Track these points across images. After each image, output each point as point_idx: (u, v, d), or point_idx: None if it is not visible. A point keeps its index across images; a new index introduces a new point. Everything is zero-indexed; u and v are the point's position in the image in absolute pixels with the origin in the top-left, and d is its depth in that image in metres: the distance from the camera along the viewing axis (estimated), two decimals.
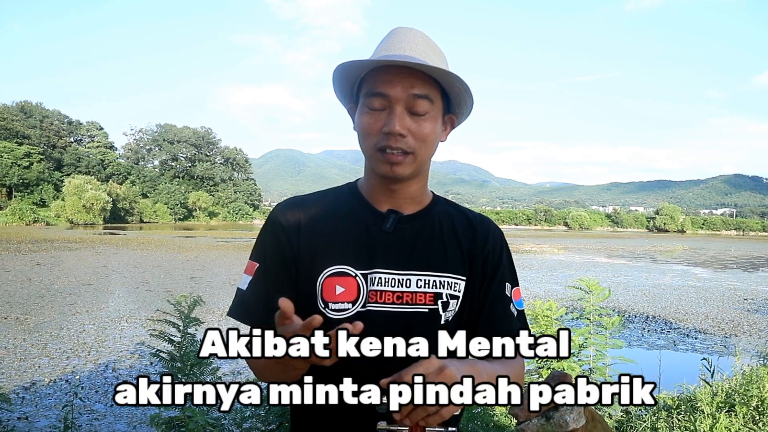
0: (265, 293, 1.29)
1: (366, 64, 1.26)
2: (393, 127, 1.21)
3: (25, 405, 6.96)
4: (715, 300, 17.90)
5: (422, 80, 1.23)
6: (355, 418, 1.26)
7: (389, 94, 1.22)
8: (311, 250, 1.30)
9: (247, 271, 1.34)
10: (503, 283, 1.40)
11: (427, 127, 1.25)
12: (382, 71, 1.24)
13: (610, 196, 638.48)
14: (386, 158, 1.25)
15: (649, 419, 5.48)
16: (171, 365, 4.06)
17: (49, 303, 14.19)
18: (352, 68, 1.28)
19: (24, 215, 75.75)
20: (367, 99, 1.26)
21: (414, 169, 1.29)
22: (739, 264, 35.57)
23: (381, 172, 1.28)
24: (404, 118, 1.23)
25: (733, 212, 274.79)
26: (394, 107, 1.23)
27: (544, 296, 16.31)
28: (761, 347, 9.70)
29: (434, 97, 1.26)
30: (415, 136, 1.24)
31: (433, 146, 1.30)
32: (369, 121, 1.25)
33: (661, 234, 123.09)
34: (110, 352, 9.60)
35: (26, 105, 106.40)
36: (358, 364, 1.25)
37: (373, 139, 1.26)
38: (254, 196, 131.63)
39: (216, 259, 27.91)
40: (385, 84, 1.22)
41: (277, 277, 1.30)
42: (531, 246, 48.45)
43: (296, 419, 1.39)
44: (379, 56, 1.25)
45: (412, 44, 1.26)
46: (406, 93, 1.22)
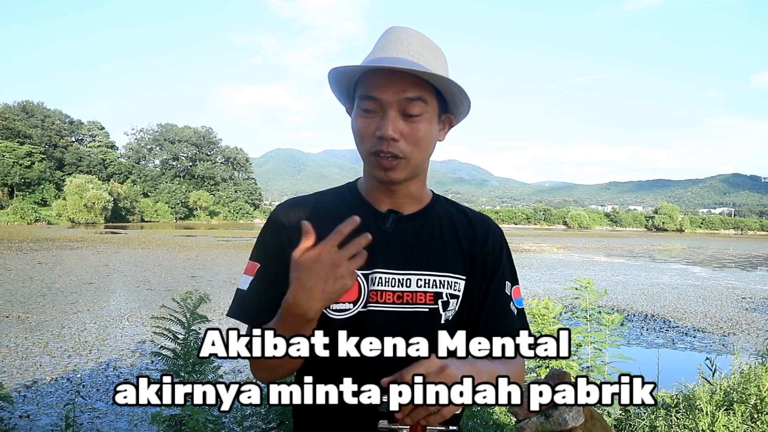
0: (266, 293, 1.27)
1: (359, 69, 1.25)
2: (385, 131, 1.21)
3: (26, 403, 6.96)
4: (714, 299, 17.90)
5: (415, 82, 1.22)
6: (356, 418, 1.26)
7: (381, 98, 1.21)
8: None
9: (248, 271, 1.33)
10: (503, 282, 1.40)
11: (421, 129, 1.24)
12: (375, 74, 1.23)
13: (609, 195, 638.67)
14: (380, 163, 1.24)
15: (648, 417, 5.48)
16: (173, 363, 4.06)
17: (51, 302, 14.20)
18: (344, 73, 1.28)
19: (25, 214, 75.78)
20: (360, 102, 1.25)
21: (408, 172, 1.28)
22: (737, 263, 35.58)
23: (377, 176, 1.28)
24: (397, 122, 1.22)
25: (731, 211, 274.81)
26: (386, 111, 1.22)
27: (543, 295, 16.29)
28: (759, 346, 9.70)
29: (428, 98, 1.25)
30: (407, 140, 1.23)
31: (428, 147, 1.29)
32: (363, 124, 1.25)
33: (660, 233, 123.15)
34: (111, 350, 9.60)
35: (28, 105, 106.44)
36: (359, 363, 1.25)
37: (367, 142, 1.25)
38: (255, 196, 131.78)
39: (216, 258, 27.94)
40: (377, 88, 1.22)
41: (278, 277, 1.27)
42: (530, 245, 48.49)
43: (297, 419, 1.38)
44: (373, 58, 1.25)
45: (405, 45, 1.25)
46: (398, 97, 1.21)
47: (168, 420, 3.84)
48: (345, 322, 1.27)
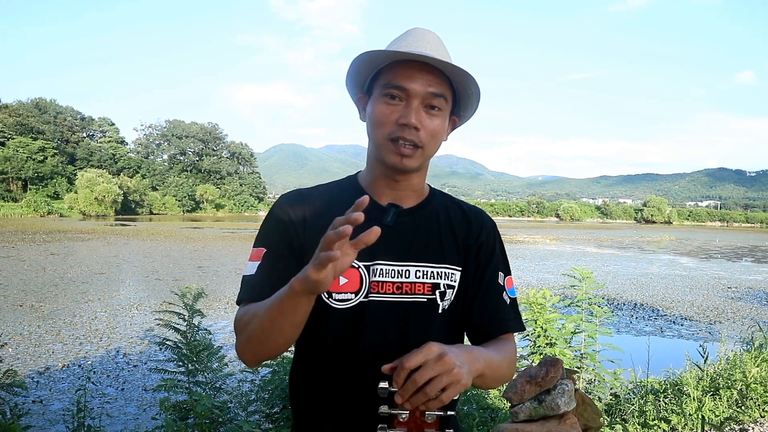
0: (277, 275, 1.24)
1: (392, 55, 1.25)
2: (410, 119, 1.21)
3: (39, 389, 6.97)
4: (701, 288, 17.92)
5: (440, 79, 1.24)
6: (358, 403, 1.26)
7: (408, 88, 1.22)
8: (316, 242, 1.29)
9: (253, 257, 1.31)
10: (496, 272, 1.41)
11: (438, 124, 1.26)
12: (403, 65, 1.24)
13: (599, 188, 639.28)
14: (397, 149, 1.24)
15: (638, 402, 5.49)
16: (178, 353, 4.06)
17: (63, 291, 14.21)
18: (375, 57, 1.27)
19: (39, 207, 75.73)
20: (385, 89, 1.25)
21: (420, 162, 1.29)
22: (723, 254, 35.61)
23: (390, 162, 1.27)
24: (420, 113, 1.23)
25: (717, 204, 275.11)
26: (411, 101, 1.23)
27: (536, 285, 16.32)
28: (744, 333, 9.71)
29: (448, 96, 1.27)
30: (426, 131, 1.24)
31: (439, 142, 1.31)
32: (385, 111, 1.25)
33: (649, 225, 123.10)
34: (121, 338, 9.61)
35: (41, 102, 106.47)
36: (361, 351, 1.26)
37: (387, 129, 1.25)
38: (259, 189, 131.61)
39: (222, 249, 27.94)
40: (406, 78, 1.22)
41: (285, 259, 1.28)
42: (524, 237, 48.48)
43: (297, 404, 1.38)
44: (404, 51, 1.24)
45: (431, 44, 1.26)
46: (424, 89, 1.22)
47: (175, 405, 3.85)
48: (347, 312, 1.27)
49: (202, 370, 4.12)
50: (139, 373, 7.70)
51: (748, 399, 5.46)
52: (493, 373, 1.22)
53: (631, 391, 6.03)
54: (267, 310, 1.12)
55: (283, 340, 1.15)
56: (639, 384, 6.20)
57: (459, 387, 1.02)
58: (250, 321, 1.18)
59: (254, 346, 1.19)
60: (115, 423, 5.90)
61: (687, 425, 5.06)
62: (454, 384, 1.02)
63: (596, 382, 5.85)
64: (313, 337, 1.29)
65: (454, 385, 1.02)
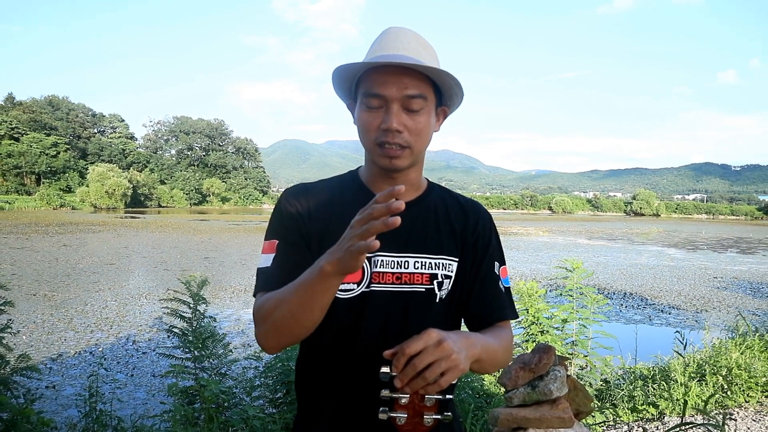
0: (293, 263, 1.24)
1: (361, 67, 1.25)
2: (390, 124, 1.21)
3: (52, 375, 6.98)
4: (688, 278, 17.93)
5: (415, 78, 1.22)
6: (360, 387, 1.27)
7: (385, 95, 1.21)
8: (320, 235, 1.29)
9: (266, 250, 1.30)
10: (492, 262, 1.41)
11: (422, 122, 1.25)
12: (378, 72, 1.22)
13: (590, 182, 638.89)
14: (385, 152, 1.24)
15: (627, 387, 5.50)
16: (184, 340, 4.06)
17: (75, 281, 14.22)
18: (348, 70, 1.27)
19: (51, 200, 75.78)
20: (364, 98, 1.24)
21: (411, 160, 1.29)
22: (709, 245, 35.60)
23: (381, 164, 1.27)
24: (400, 115, 1.22)
25: (703, 197, 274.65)
26: (390, 106, 1.22)
27: (530, 275, 16.36)
28: (729, 322, 9.73)
29: (427, 93, 1.25)
30: (410, 131, 1.23)
31: (427, 138, 1.30)
32: (367, 118, 1.24)
33: (638, 217, 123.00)
34: (131, 326, 9.62)
35: (54, 99, 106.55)
36: (363, 338, 1.26)
37: (372, 135, 1.25)
38: (263, 183, 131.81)
39: (228, 241, 27.94)
40: (381, 85, 1.21)
41: (299, 248, 1.28)
42: (518, 229, 48.49)
43: (301, 390, 1.39)
44: (374, 57, 1.24)
45: (404, 43, 1.25)
46: (400, 93, 1.21)
47: (183, 391, 3.85)
48: (350, 301, 1.27)
49: (208, 356, 4.12)
50: (148, 360, 7.71)
51: (733, 385, 5.47)
52: (490, 358, 1.22)
53: (620, 377, 6.05)
54: (295, 294, 1.11)
55: (311, 323, 1.15)
56: (628, 370, 6.22)
57: (457, 372, 1.03)
58: (274, 308, 1.16)
59: (281, 331, 1.17)
60: (126, 407, 5.90)
61: (675, 410, 5.08)
62: (453, 369, 1.02)
63: (588, 369, 5.86)
64: (317, 326, 1.29)
65: (452, 369, 1.02)
